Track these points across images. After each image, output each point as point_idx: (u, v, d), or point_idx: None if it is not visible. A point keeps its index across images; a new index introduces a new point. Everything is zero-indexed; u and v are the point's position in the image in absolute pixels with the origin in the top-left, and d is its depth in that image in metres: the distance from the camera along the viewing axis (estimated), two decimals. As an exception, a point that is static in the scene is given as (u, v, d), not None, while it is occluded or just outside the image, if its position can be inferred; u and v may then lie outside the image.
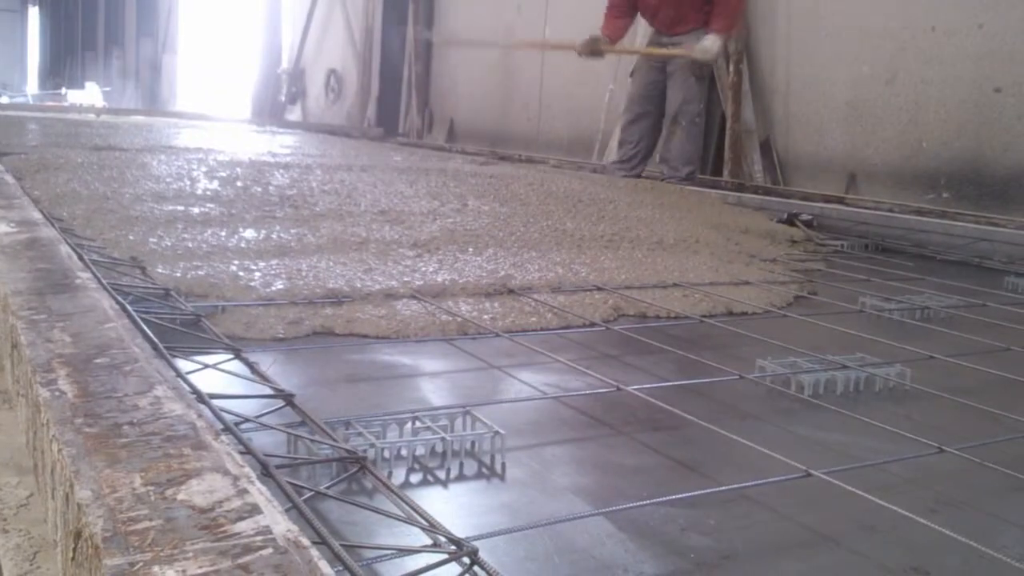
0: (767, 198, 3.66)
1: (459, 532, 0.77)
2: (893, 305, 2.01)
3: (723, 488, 1.02)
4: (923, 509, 1.00)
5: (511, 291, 1.88)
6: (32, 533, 1.19)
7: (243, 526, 0.60)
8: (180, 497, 0.64)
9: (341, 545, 0.68)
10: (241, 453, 0.77)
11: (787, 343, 1.61)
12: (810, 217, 3.17)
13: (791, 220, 3.12)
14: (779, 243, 2.80)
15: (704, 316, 1.81)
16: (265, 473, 0.81)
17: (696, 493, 1.00)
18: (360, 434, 1.07)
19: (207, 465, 0.69)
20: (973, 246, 2.87)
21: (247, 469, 0.69)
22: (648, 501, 0.96)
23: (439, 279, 1.88)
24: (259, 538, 0.58)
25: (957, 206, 3.64)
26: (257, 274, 1.79)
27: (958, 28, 3.80)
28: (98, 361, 0.93)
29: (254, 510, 0.62)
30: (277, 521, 0.60)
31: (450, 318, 1.66)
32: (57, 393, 0.84)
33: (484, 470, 1.06)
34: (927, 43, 3.93)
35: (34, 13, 20.91)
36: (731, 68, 4.71)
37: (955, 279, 2.42)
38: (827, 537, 0.95)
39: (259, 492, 0.65)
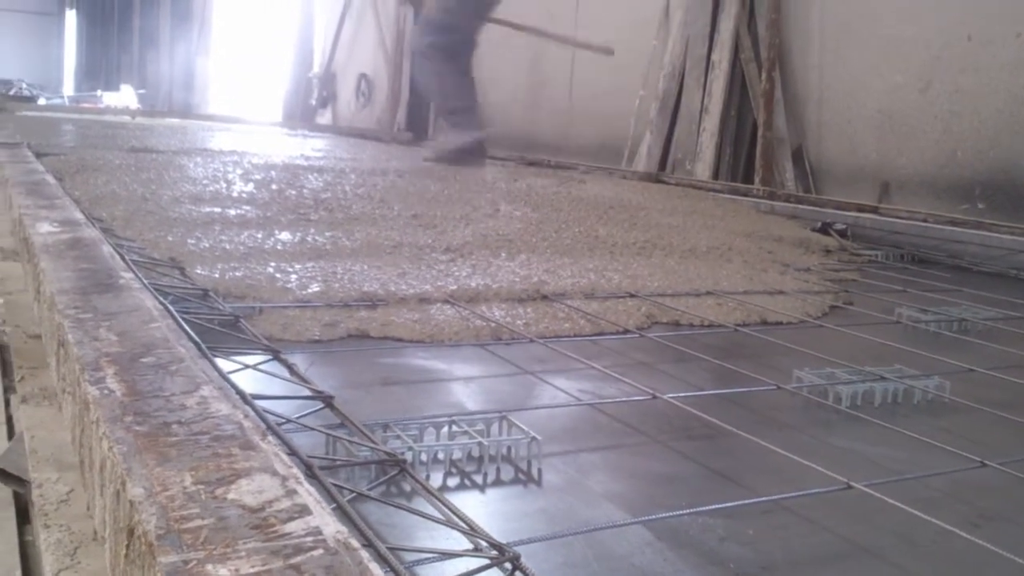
0: (800, 206, 3.63)
1: (497, 537, 0.78)
2: (930, 317, 1.99)
3: (762, 499, 1.01)
4: (965, 523, 0.99)
5: (544, 297, 1.88)
6: (73, 528, 1.21)
7: (293, 527, 0.60)
8: (230, 496, 0.65)
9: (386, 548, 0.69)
10: (286, 454, 0.78)
11: (823, 353, 1.60)
12: (844, 226, 3.14)
13: (825, 229, 3.10)
14: (813, 252, 2.78)
15: (738, 325, 1.80)
16: (309, 474, 0.82)
17: (735, 503, 1.00)
18: (398, 437, 1.08)
19: (255, 465, 0.70)
20: (1010, 257, 2.83)
21: (295, 470, 0.70)
22: (687, 511, 0.96)
23: (472, 284, 1.89)
24: (309, 539, 0.59)
25: (992, 216, 3.59)
26: (293, 276, 1.81)
27: (994, 37, 3.76)
28: (144, 360, 0.95)
29: (303, 511, 0.63)
30: (327, 523, 0.61)
31: (484, 323, 1.67)
32: (106, 391, 0.85)
33: (521, 475, 1.06)
34: (962, 52, 3.89)
35: (71, 16, 21.24)
36: (763, 76, 4.69)
37: (993, 291, 2.39)
38: (867, 550, 0.95)
39: (307, 493, 0.65)
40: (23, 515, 2.25)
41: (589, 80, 6.28)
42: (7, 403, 3.12)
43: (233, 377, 1.06)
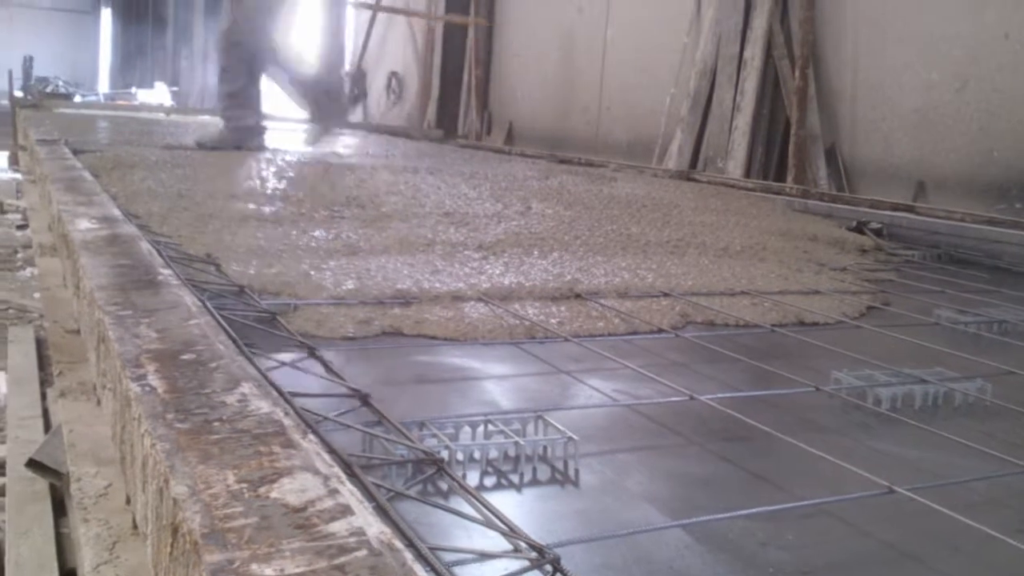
0: (834, 205, 3.59)
1: (535, 538, 0.77)
2: (969, 318, 1.96)
3: (803, 503, 1.00)
4: (1009, 529, 0.97)
5: (578, 295, 1.87)
6: (111, 523, 1.22)
7: (336, 527, 0.60)
8: (273, 495, 0.65)
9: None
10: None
11: (861, 355, 1.58)
12: (879, 225, 3.10)
13: (860, 228, 3.06)
14: (848, 252, 2.74)
15: (775, 325, 1.79)
16: (349, 473, 0.82)
17: (775, 507, 0.99)
18: (434, 436, 1.08)
19: (297, 464, 0.70)
20: (1051, 259, 2.78)
21: (336, 469, 0.70)
22: (726, 514, 0.95)
23: (505, 282, 1.88)
24: (353, 539, 0.59)
25: (1030, 216, 3.53)
26: (328, 273, 1.82)
27: (1034, 35, 3.70)
28: (184, 357, 0.95)
29: (346, 511, 0.63)
30: (370, 523, 0.61)
31: (517, 321, 1.66)
32: (147, 388, 0.85)
33: (557, 476, 1.06)
34: (1000, 51, 3.82)
35: (106, 15, 21.49)
36: (796, 73, 4.64)
37: (1033, 292, 2.35)
38: (910, 555, 0.93)
39: (350, 493, 0.65)
40: (59, 507, 2.28)
41: (619, 78, 6.26)
42: (43, 396, 3.17)
43: (270, 374, 1.07)
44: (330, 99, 4.52)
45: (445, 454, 1.03)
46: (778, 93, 4.86)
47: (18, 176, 7.34)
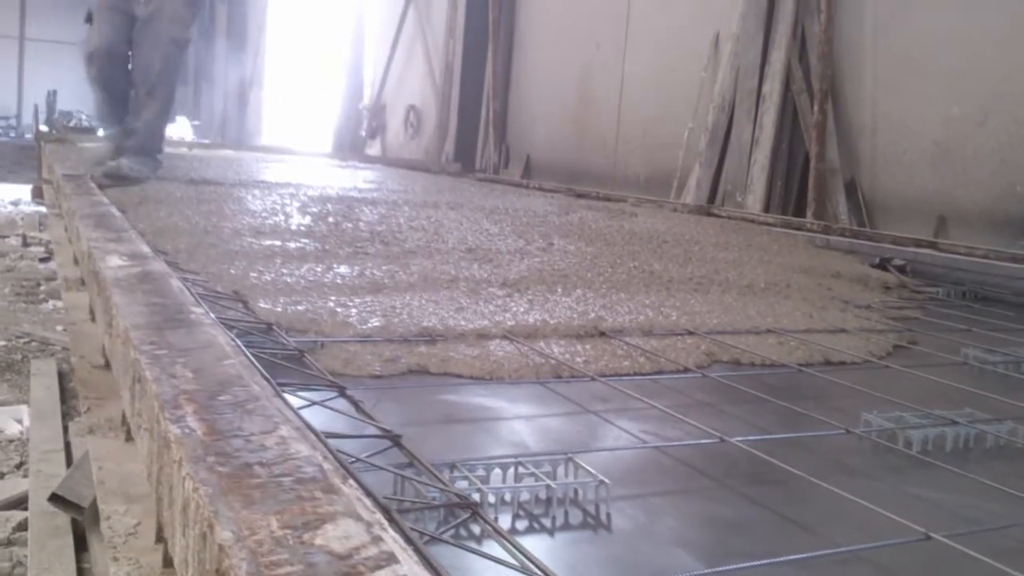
0: (856, 241, 3.58)
1: (571, 584, 0.77)
2: (998, 357, 1.94)
3: (839, 549, 0.99)
4: (1050, 578, 0.96)
5: (602, 333, 1.87)
6: (141, 562, 1.22)
7: (382, 575, 0.61)
8: (317, 542, 0.65)
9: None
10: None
11: (890, 395, 1.57)
12: (903, 262, 3.09)
13: (883, 265, 3.05)
14: (872, 289, 2.73)
15: (802, 365, 1.78)
16: (388, 518, 0.82)
17: (811, 554, 0.98)
18: (465, 478, 1.08)
19: (339, 510, 0.70)
20: (1077, 296, 2.76)
21: (378, 515, 0.70)
22: (762, 561, 0.94)
23: (530, 320, 1.89)
24: (399, 588, 0.59)
25: (1055, 253, 3.50)
26: (353, 310, 1.83)
27: (1056, 69, 3.70)
28: (221, 398, 0.96)
29: (391, 559, 0.63)
30: (415, 571, 0.61)
31: (543, 360, 1.66)
32: (187, 430, 0.86)
33: (589, 519, 1.05)
34: (1022, 84, 3.82)
35: (129, 49, 21.92)
36: (815, 107, 4.65)
37: (1061, 331, 2.33)
38: (949, 605, 0.92)
39: (393, 540, 0.66)
40: (79, 542, 2.27)
41: (637, 112, 6.30)
42: (65, 429, 3.17)
43: (302, 413, 1.07)
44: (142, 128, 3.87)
45: (476, 496, 1.03)
46: (797, 127, 4.87)
47: (41, 209, 7.43)
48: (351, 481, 0.76)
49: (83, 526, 2.04)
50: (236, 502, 0.71)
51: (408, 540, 0.78)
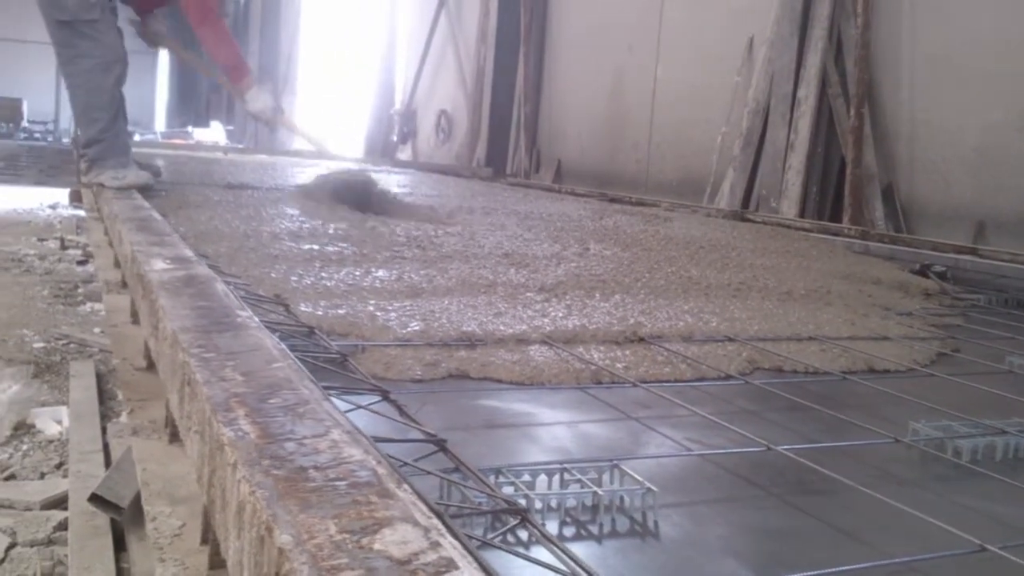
0: (895, 247, 3.54)
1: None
2: (1045, 366, 1.91)
3: (892, 560, 0.98)
4: (1110, 593, 0.94)
5: (642, 339, 1.86)
6: (187, 563, 1.23)
7: (444, 582, 0.60)
8: (376, 547, 0.65)
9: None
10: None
11: (936, 404, 1.54)
12: (944, 268, 3.05)
13: (924, 271, 3.00)
14: (913, 296, 2.70)
15: (845, 372, 1.76)
16: (442, 523, 0.82)
17: (863, 565, 0.96)
18: (511, 483, 1.07)
19: (396, 515, 0.70)
20: (1124, 304, 2.70)
21: (435, 520, 0.70)
22: (814, 572, 0.93)
23: (569, 325, 1.88)
24: (461, 595, 0.59)
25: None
26: (393, 314, 1.83)
27: (1099, 74, 3.63)
28: (272, 401, 0.96)
29: (450, 565, 0.63)
30: (476, 578, 0.61)
31: (583, 366, 1.66)
32: (240, 433, 0.86)
33: (636, 527, 1.05)
34: (1064, 89, 3.76)
35: (164, 54, 22.19)
36: (852, 112, 4.61)
37: (1108, 339, 2.28)
38: (1007, 619, 0.90)
39: (452, 546, 0.65)
40: (119, 542, 2.29)
41: (669, 116, 6.27)
42: (103, 430, 3.20)
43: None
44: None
45: (523, 502, 1.02)
46: (833, 132, 4.83)
47: (79, 213, 7.54)
48: (405, 486, 0.76)
49: (122, 526, 2.06)
50: (293, 505, 0.71)
51: (466, 547, 0.78)
